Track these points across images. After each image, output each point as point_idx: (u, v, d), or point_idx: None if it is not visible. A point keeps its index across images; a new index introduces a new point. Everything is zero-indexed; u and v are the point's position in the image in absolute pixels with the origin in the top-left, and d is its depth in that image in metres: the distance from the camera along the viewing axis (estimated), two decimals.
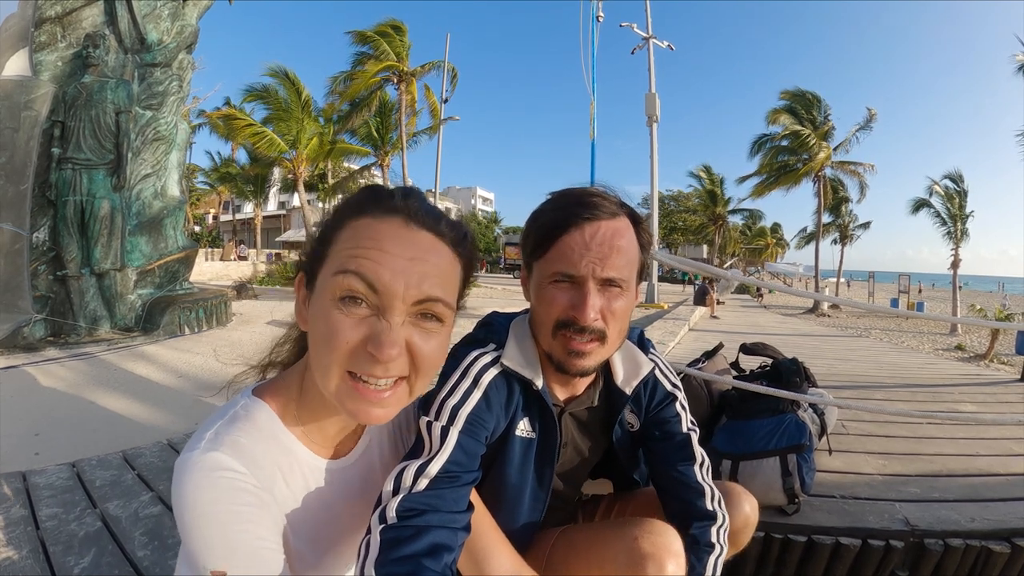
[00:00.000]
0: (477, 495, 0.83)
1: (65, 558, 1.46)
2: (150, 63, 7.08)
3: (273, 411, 0.65)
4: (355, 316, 0.58)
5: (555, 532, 0.95)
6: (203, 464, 0.56)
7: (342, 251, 0.60)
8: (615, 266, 0.80)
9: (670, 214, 41.32)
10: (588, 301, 0.79)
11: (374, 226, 0.61)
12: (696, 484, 0.93)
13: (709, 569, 0.88)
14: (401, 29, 19.74)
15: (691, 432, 0.99)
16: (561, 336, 0.82)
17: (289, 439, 0.66)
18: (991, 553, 1.50)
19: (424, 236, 0.63)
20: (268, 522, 0.58)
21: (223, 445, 0.58)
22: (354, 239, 0.61)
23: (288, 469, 0.65)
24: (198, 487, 0.54)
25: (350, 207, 0.65)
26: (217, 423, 0.61)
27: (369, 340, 0.58)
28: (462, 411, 0.80)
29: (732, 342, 3.20)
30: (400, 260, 0.59)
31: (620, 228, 0.82)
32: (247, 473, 0.57)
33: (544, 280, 0.83)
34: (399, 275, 0.58)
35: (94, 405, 3.81)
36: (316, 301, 0.61)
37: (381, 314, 0.59)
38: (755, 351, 2.39)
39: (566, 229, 0.81)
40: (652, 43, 16.09)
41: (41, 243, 6.17)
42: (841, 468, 2.00)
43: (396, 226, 0.62)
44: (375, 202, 0.64)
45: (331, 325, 0.58)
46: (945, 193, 19.43)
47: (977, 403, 3.32)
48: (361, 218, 0.62)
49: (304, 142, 19.46)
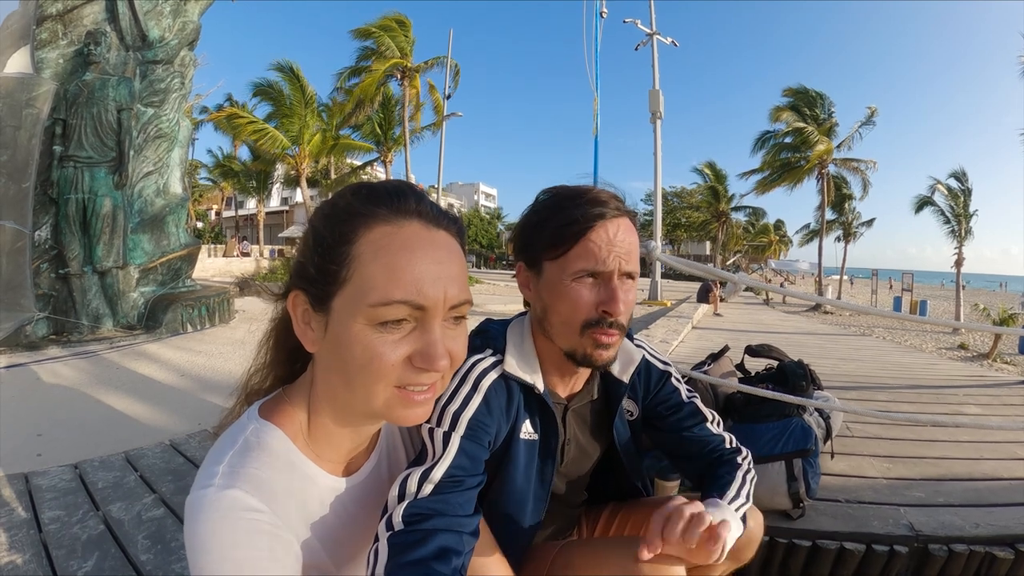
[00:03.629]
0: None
1: (68, 562, 1.47)
2: (152, 60, 7.06)
3: (286, 434, 0.63)
4: (397, 335, 0.57)
5: (555, 547, 0.95)
6: (220, 504, 0.53)
7: (373, 276, 0.56)
8: (634, 260, 0.85)
9: (673, 210, 41.27)
10: (619, 296, 0.82)
11: (398, 236, 0.58)
12: (713, 436, 1.01)
13: (739, 480, 0.93)
14: (405, 24, 19.68)
15: (692, 399, 1.04)
16: (591, 333, 0.84)
17: (304, 463, 0.64)
18: (995, 559, 1.49)
19: (441, 236, 0.61)
20: (289, 563, 0.56)
21: (240, 480, 0.55)
22: (381, 258, 0.56)
23: (305, 494, 0.63)
24: (215, 530, 0.52)
25: (352, 215, 0.59)
26: (229, 452, 0.58)
27: (416, 355, 0.57)
28: (463, 416, 0.80)
29: (736, 340, 3.20)
30: (433, 267, 0.57)
31: (631, 225, 0.87)
32: (266, 511, 0.55)
33: (565, 278, 0.84)
34: (438, 285, 0.57)
35: (96, 404, 3.82)
36: (341, 327, 0.57)
37: (423, 326, 0.58)
38: (761, 353, 2.38)
39: (590, 227, 0.83)
40: (656, 39, 16.00)
41: (43, 241, 6.17)
42: (846, 471, 1.99)
43: (418, 230, 0.59)
44: (382, 205, 0.59)
45: (372, 350, 0.56)
46: (949, 191, 19.33)
47: (981, 405, 3.31)
48: (375, 227, 0.58)
49: (307, 138, 19.45)
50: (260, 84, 19.01)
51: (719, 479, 0.94)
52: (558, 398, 0.95)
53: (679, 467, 1.14)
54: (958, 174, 19.44)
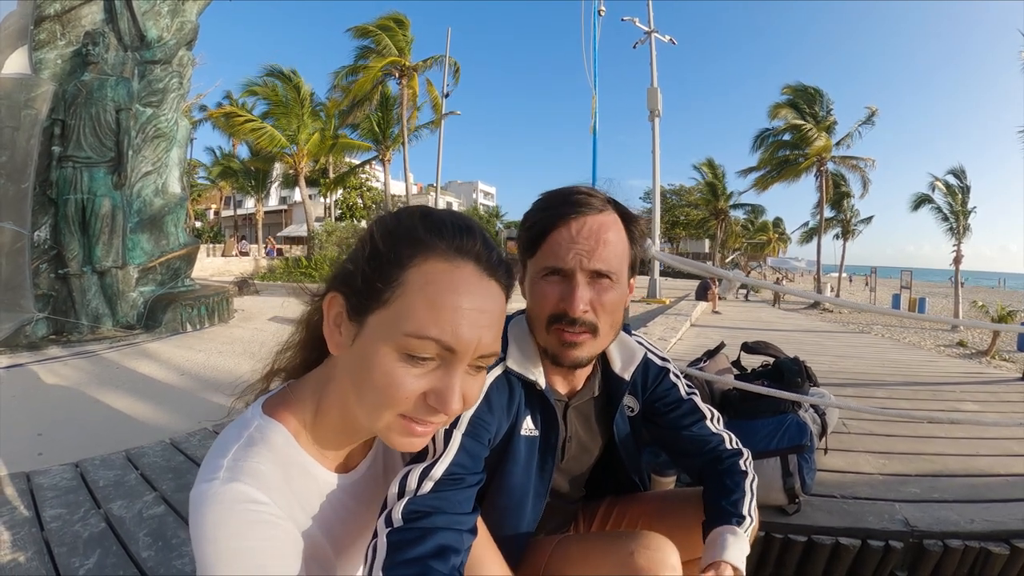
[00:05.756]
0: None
1: (70, 559, 1.48)
2: (150, 60, 7.05)
3: (288, 431, 0.64)
4: (419, 371, 0.57)
5: (552, 541, 0.95)
6: (224, 496, 0.54)
7: (416, 308, 0.56)
8: (602, 258, 0.82)
9: (672, 208, 41.17)
10: (577, 293, 0.82)
11: (450, 275, 0.57)
12: (713, 435, 1.02)
13: (747, 492, 0.94)
14: (403, 23, 19.67)
15: (692, 395, 1.05)
16: (555, 330, 0.85)
17: (305, 459, 0.65)
18: (990, 554, 1.50)
19: (494, 287, 0.61)
20: (291, 553, 0.57)
21: (243, 474, 0.56)
22: (429, 294, 0.56)
23: (306, 490, 0.64)
24: (220, 521, 0.53)
25: (413, 242, 0.59)
26: (233, 447, 0.59)
27: (432, 394, 0.57)
28: (465, 414, 0.80)
29: (734, 338, 3.20)
30: (474, 314, 0.57)
31: (607, 222, 0.85)
32: (269, 503, 0.56)
33: (536, 276, 0.86)
34: (475, 330, 0.57)
35: (97, 404, 3.83)
36: (371, 343, 0.57)
37: (446, 367, 0.58)
38: (757, 350, 2.39)
39: (554, 226, 0.84)
40: (654, 37, 16.01)
41: (42, 241, 6.17)
42: (842, 467, 2.00)
43: (471, 275, 0.59)
44: (443, 239, 0.59)
45: (392, 377, 0.56)
46: (947, 189, 19.34)
47: (979, 402, 3.32)
48: (430, 260, 0.58)
49: (305, 138, 19.45)
50: (253, 83, 19.04)
51: (728, 493, 0.94)
52: (559, 395, 0.95)
53: (678, 463, 1.15)
54: (956, 171, 19.46)
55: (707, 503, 0.96)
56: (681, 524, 0.97)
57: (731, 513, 0.91)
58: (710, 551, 0.86)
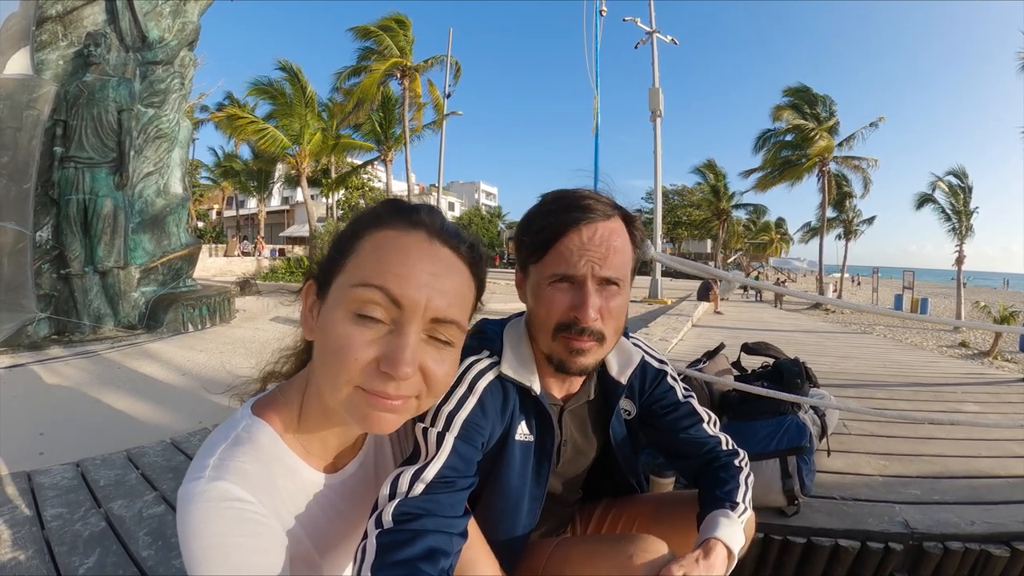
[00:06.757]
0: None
1: (70, 558, 1.48)
2: (151, 61, 7.07)
3: (275, 431, 0.65)
4: (371, 333, 0.58)
5: (550, 544, 0.95)
6: (209, 494, 0.55)
7: (365, 263, 0.60)
8: (613, 265, 0.82)
9: (674, 209, 41.16)
10: (588, 301, 0.80)
11: (399, 239, 0.61)
12: (709, 438, 1.02)
13: (743, 484, 0.95)
14: (404, 23, 19.68)
15: (689, 399, 1.04)
16: (563, 338, 0.83)
17: (291, 458, 0.65)
18: (990, 557, 1.50)
19: (446, 253, 0.63)
20: (276, 550, 0.58)
21: (229, 473, 0.57)
22: (377, 251, 0.60)
23: (292, 489, 0.65)
24: (205, 518, 0.54)
25: (371, 218, 0.64)
26: (220, 447, 0.60)
27: (383, 359, 0.57)
28: (458, 417, 0.80)
29: (735, 339, 3.21)
30: (424, 275, 0.59)
31: (616, 228, 0.84)
32: (254, 502, 0.57)
33: (543, 282, 0.84)
34: (423, 289, 0.58)
35: (98, 404, 3.84)
36: (328, 311, 0.60)
37: (398, 329, 0.58)
38: (757, 351, 2.39)
39: (564, 231, 0.82)
40: (656, 37, 15.99)
41: (44, 242, 6.19)
42: (842, 469, 2.00)
43: (420, 240, 0.62)
44: (398, 215, 0.63)
45: (344, 339, 0.57)
46: (949, 189, 19.29)
47: (980, 403, 3.31)
48: (383, 230, 0.62)
49: (307, 138, 19.46)
50: (259, 83, 18.99)
51: (722, 484, 0.94)
52: (554, 399, 0.94)
53: (674, 465, 1.15)
54: (958, 171, 19.41)
55: (702, 497, 0.96)
56: (678, 526, 0.97)
57: (724, 499, 0.91)
58: (702, 532, 0.86)
